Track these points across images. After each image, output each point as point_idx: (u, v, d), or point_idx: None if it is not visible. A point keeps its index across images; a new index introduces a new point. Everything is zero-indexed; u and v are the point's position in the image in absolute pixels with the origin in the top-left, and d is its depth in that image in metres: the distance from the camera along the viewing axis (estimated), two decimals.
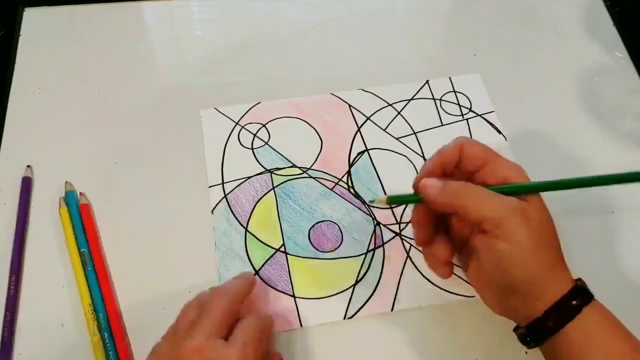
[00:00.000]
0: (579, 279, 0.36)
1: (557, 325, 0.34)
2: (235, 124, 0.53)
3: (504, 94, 0.55)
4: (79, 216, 0.47)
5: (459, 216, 0.38)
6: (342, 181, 0.50)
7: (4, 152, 0.51)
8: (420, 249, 0.42)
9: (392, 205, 0.48)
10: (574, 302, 0.34)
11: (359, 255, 0.47)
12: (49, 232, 0.47)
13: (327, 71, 0.57)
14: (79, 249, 0.45)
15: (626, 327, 0.36)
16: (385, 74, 0.56)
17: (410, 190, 0.40)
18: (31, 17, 0.59)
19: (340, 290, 0.45)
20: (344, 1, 0.62)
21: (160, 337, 0.38)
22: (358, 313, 0.44)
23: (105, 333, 0.42)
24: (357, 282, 0.46)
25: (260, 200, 0.49)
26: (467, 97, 0.55)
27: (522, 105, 0.55)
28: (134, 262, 0.46)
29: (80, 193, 0.49)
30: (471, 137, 0.53)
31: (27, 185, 0.48)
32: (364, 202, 0.49)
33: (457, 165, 0.39)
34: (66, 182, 0.49)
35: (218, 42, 0.59)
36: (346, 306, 0.45)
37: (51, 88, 0.55)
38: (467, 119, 0.54)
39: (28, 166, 0.50)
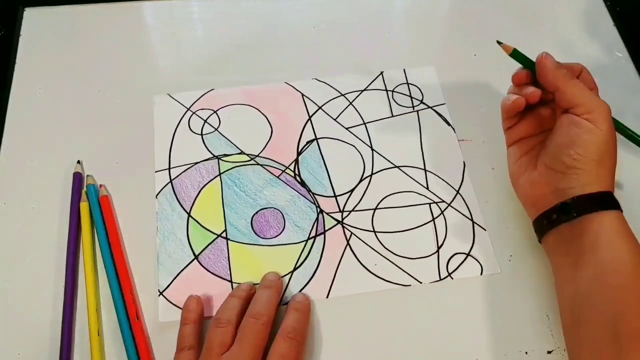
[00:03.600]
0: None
1: (598, 206, 0.40)
2: (186, 109, 0.53)
3: (504, 94, 0.55)
4: (100, 210, 0.47)
5: (552, 98, 0.44)
6: (289, 169, 0.51)
7: (4, 152, 0.51)
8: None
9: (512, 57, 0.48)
10: (611, 199, 0.41)
11: (299, 242, 0.47)
12: (51, 230, 0.47)
13: (327, 72, 0.57)
14: (100, 246, 0.46)
15: None
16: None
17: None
18: (31, 17, 0.59)
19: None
20: (344, 1, 0.62)
21: None
22: None
23: (124, 331, 0.43)
24: (295, 268, 0.46)
25: (206, 186, 0.50)
26: (419, 89, 0.56)
27: None
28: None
29: (100, 185, 0.49)
30: (420, 128, 0.54)
31: (78, 180, 0.49)
32: (309, 190, 0.50)
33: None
34: (88, 175, 0.49)
35: (218, 42, 0.59)
36: (282, 292, 0.45)
37: (51, 88, 0.55)
38: (417, 111, 0.55)
39: (78, 162, 0.50)
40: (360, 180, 0.51)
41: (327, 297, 0.45)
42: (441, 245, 0.48)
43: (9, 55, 0.56)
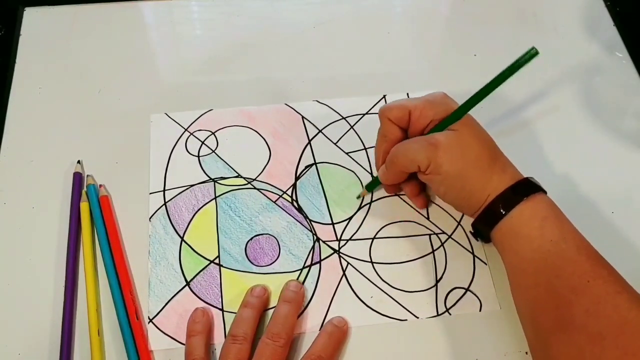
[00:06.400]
0: (529, 177, 0.42)
1: (495, 218, 0.41)
2: (184, 130, 0.52)
3: (504, 94, 0.55)
4: (100, 210, 0.47)
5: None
6: (287, 194, 0.49)
7: (4, 152, 0.51)
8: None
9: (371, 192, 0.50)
10: (512, 196, 0.40)
11: (294, 271, 0.46)
12: (51, 230, 0.47)
13: (327, 72, 0.57)
14: (100, 246, 0.46)
15: (569, 222, 0.40)
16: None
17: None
18: (31, 17, 0.59)
19: (270, 307, 0.44)
20: (344, 1, 0.62)
21: None
22: None
23: (124, 331, 0.43)
24: None
25: (201, 210, 0.48)
26: None
27: (521, 105, 0.55)
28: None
29: (100, 185, 0.49)
30: None
31: (78, 180, 0.49)
32: (306, 216, 0.48)
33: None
34: (88, 175, 0.49)
35: (218, 42, 0.59)
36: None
37: (51, 88, 0.55)
38: None
39: (78, 162, 0.50)
40: (359, 208, 0.49)
41: (320, 329, 0.43)
42: (440, 279, 0.46)
43: (9, 55, 0.56)
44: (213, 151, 0.52)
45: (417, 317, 0.45)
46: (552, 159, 0.52)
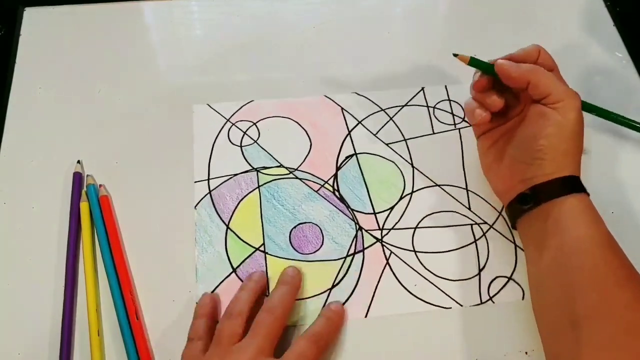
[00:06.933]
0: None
1: (558, 191, 0.41)
2: (226, 120, 0.53)
3: None
4: (99, 210, 0.47)
5: (519, 91, 0.44)
6: (328, 184, 0.50)
7: (4, 152, 0.51)
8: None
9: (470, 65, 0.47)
10: (575, 183, 0.41)
11: (337, 259, 0.47)
12: (51, 230, 0.47)
13: (326, 72, 0.57)
14: (100, 246, 0.46)
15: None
16: (383, 77, 0.56)
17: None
18: (31, 17, 0.59)
19: (315, 294, 0.45)
20: (344, 1, 0.62)
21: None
22: None
23: (124, 331, 0.43)
24: (333, 286, 0.46)
25: (245, 198, 0.49)
26: (461, 106, 0.54)
27: None
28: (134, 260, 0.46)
29: (100, 185, 0.49)
30: (462, 147, 0.52)
31: (78, 180, 0.49)
32: (348, 205, 0.49)
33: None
34: (88, 175, 0.49)
35: (218, 42, 0.59)
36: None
37: (51, 88, 0.55)
38: (459, 129, 0.53)
39: (78, 162, 0.50)
40: (401, 198, 0.50)
41: (366, 316, 0.45)
42: (482, 268, 0.47)
43: (9, 55, 0.56)
44: (255, 141, 0.52)
45: (461, 305, 0.45)
46: None
